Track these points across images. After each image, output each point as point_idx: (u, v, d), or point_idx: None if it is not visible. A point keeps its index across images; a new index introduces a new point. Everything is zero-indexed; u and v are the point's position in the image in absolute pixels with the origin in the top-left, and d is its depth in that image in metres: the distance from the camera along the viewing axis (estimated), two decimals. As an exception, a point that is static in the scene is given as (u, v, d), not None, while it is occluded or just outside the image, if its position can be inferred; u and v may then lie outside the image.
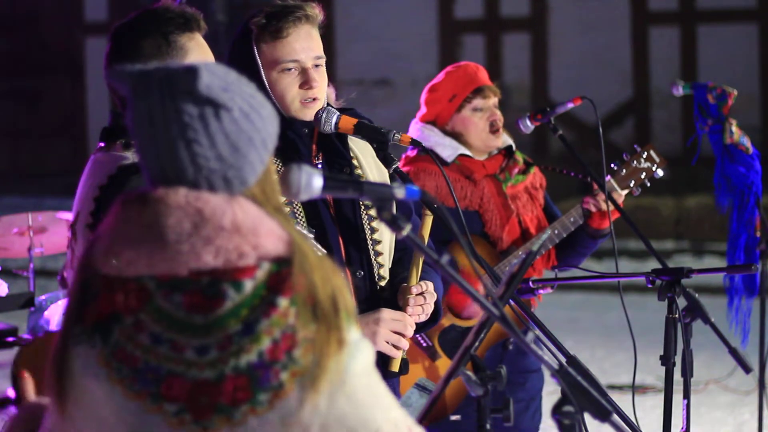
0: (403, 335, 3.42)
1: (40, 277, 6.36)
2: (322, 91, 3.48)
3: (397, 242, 3.58)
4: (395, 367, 3.46)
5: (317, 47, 3.47)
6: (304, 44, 3.44)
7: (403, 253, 3.58)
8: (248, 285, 2.11)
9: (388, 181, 3.55)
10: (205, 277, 2.12)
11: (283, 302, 2.11)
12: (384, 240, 3.52)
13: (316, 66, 3.47)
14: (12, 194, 14.78)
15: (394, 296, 3.51)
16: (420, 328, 3.52)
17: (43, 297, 5.51)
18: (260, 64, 3.44)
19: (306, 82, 3.44)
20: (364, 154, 3.59)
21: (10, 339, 5.58)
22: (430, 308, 3.47)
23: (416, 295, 3.43)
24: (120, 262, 2.15)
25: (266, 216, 2.15)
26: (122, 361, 2.15)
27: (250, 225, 2.12)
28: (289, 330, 2.10)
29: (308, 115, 3.46)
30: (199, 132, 2.13)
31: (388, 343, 3.41)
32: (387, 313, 3.41)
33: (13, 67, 15.96)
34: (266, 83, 3.43)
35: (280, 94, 3.43)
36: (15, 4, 15.94)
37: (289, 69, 3.43)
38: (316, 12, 3.49)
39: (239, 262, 2.11)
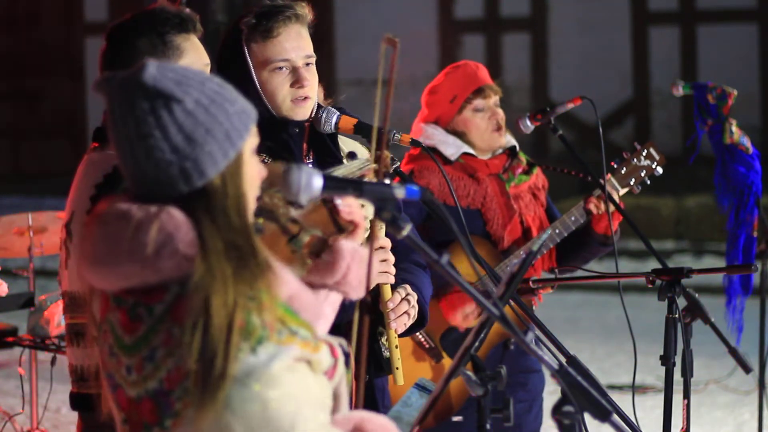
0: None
1: (40, 277, 6.36)
2: (313, 89, 3.48)
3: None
4: (399, 381, 3.42)
5: (307, 46, 3.47)
6: (295, 43, 3.44)
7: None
8: (158, 309, 2.13)
9: None
10: (130, 298, 2.16)
11: (177, 331, 2.11)
12: None
13: (307, 65, 3.46)
14: (12, 194, 14.78)
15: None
16: (408, 331, 3.49)
17: (43, 297, 5.50)
18: (251, 64, 3.44)
19: (297, 81, 3.43)
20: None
21: (10, 339, 5.59)
22: (414, 310, 3.44)
23: (397, 304, 3.39)
24: (84, 273, 2.21)
25: (185, 227, 2.13)
26: (103, 363, 2.23)
27: (157, 246, 2.11)
28: (180, 361, 2.10)
29: (299, 114, 3.46)
30: (151, 125, 2.14)
31: (381, 273, 3.33)
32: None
33: (13, 67, 15.95)
34: (257, 83, 3.42)
35: (271, 93, 3.43)
36: (15, 4, 15.94)
37: (280, 68, 3.43)
38: (306, 11, 3.48)
39: (147, 285, 2.13)
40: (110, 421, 2.29)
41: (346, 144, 3.60)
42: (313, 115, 3.51)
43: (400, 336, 3.44)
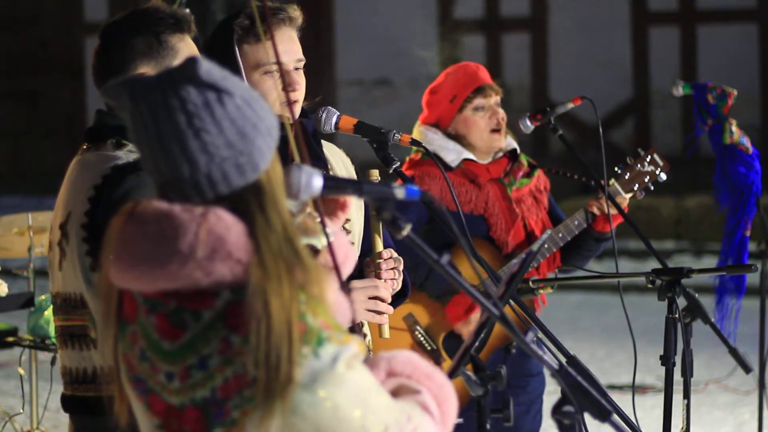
0: (381, 299, 3.33)
1: (40, 277, 6.35)
2: (303, 93, 3.48)
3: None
4: (386, 334, 3.41)
5: (298, 50, 3.47)
6: (287, 46, 3.44)
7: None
8: (206, 315, 2.09)
9: None
10: (171, 302, 2.11)
11: (236, 340, 2.07)
12: (354, 230, 3.52)
13: (297, 68, 3.46)
14: (12, 194, 14.77)
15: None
16: (392, 301, 3.45)
17: (43, 297, 5.50)
18: (241, 66, 3.43)
19: (289, 85, 3.43)
20: (334, 157, 3.60)
21: (10, 339, 5.59)
22: (401, 275, 3.43)
23: (386, 259, 3.38)
24: (113, 273, 2.16)
25: (235, 230, 2.10)
26: (127, 364, 2.18)
27: (209, 248, 2.08)
28: (241, 369, 2.07)
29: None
30: (205, 120, 2.11)
31: (369, 311, 3.32)
32: (357, 283, 3.32)
33: (13, 67, 15.95)
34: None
35: (262, 95, 3.41)
36: (15, 5, 15.93)
37: (272, 71, 3.43)
38: (298, 14, 3.48)
39: (195, 288, 2.09)
40: (129, 426, 2.25)
41: (327, 148, 3.60)
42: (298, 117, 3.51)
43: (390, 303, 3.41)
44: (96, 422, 3.05)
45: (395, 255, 3.42)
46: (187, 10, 3.47)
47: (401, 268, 3.43)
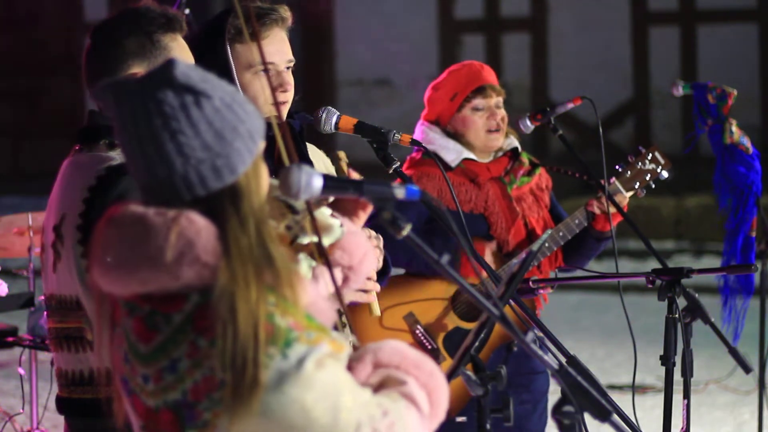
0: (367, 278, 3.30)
1: (40, 277, 6.35)
2: (292, 94, 3.48)
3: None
4: (376, 311, 3.40)
5: (289, 51, 3.48)
6: (279, 47, 3.44)
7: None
8: (176, 319, 2.10)
9: None
10: (146, 305, 2.12)
11: (203, 343, 2.08)
12: None
13: (287, 68, 3.47)
14: (12, 194, 14.77)
15: None
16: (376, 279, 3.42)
17: (42, 297, 5.50)
18: (233, 65, 3.43)
19: (280, 85, 3.43)
20: (316, 158, 3.60)
21: (10, 339, 5.59)
22: (381, 252, 3.42)
23: (368, 237, 3.37)
24: (96, 276, 2.18)
25: (205, 233, 2.11)
26: (117, 365, 2.19)
27: (177, 252, 2.09)
28: (209, 372, 2.08)
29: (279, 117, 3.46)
30: (181, 122, 2.12)
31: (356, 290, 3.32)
32: None
33: (13, 67, 15.95)
34: (238, 85, 3.41)
35: (254, 95, 3.42)
36: (15, 4, 15.94)
37: (264, 71, 3.42)
38: (289, 15, 3.49)
39: (166, 291, 2.10)
40: (127, 426, 2.25)
41: (308, 148, 3.60)
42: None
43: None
44: (92, 424, 3.04)
45: (373, 233, 3.41)
46: (188, 11, 3.46)
47: (381, 245, 3.43)
